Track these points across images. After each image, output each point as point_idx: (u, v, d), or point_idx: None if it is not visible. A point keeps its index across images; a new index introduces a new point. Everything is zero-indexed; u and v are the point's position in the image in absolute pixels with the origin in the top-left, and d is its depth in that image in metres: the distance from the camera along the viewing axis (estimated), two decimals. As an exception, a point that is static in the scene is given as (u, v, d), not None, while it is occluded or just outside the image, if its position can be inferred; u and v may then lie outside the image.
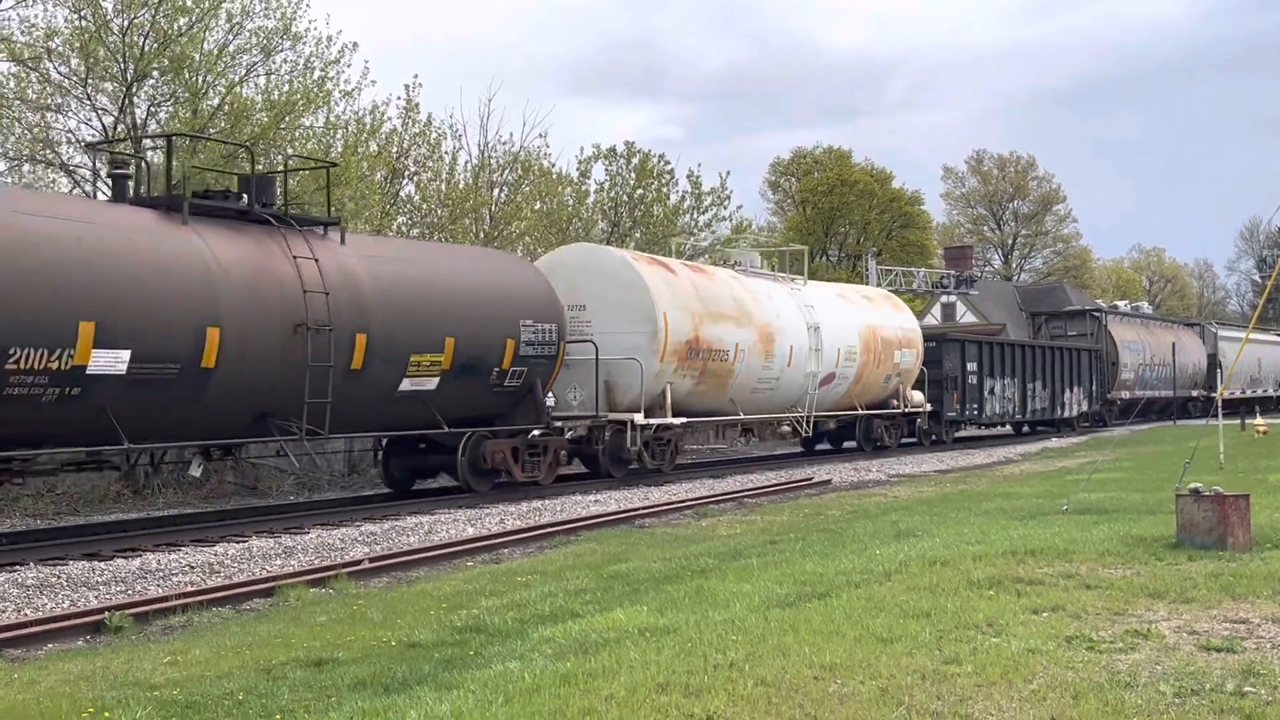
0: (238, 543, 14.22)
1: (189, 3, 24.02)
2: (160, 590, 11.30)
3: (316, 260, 15.80)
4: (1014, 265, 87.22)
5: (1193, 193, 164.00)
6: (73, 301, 12.97)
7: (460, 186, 32.12)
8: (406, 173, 30.95)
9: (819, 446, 31.44)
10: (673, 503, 18.43)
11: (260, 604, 10.80)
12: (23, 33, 23.44)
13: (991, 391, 35.24)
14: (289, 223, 16.21)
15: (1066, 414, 40.19)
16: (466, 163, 33.86)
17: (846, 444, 31.34)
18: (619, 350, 21.36)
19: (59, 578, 11.77)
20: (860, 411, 29.72)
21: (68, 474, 16.41)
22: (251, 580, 11.64)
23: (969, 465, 27.27)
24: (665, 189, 40.11)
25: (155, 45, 23.89)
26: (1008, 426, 39.67)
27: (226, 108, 25.23)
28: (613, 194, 39.22)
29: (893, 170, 59.98)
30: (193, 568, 12.54)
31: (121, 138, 22.60)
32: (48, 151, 24.18)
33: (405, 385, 17.18)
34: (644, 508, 17.76)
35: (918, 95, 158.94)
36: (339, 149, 27.22)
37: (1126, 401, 44.38)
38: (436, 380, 17.59)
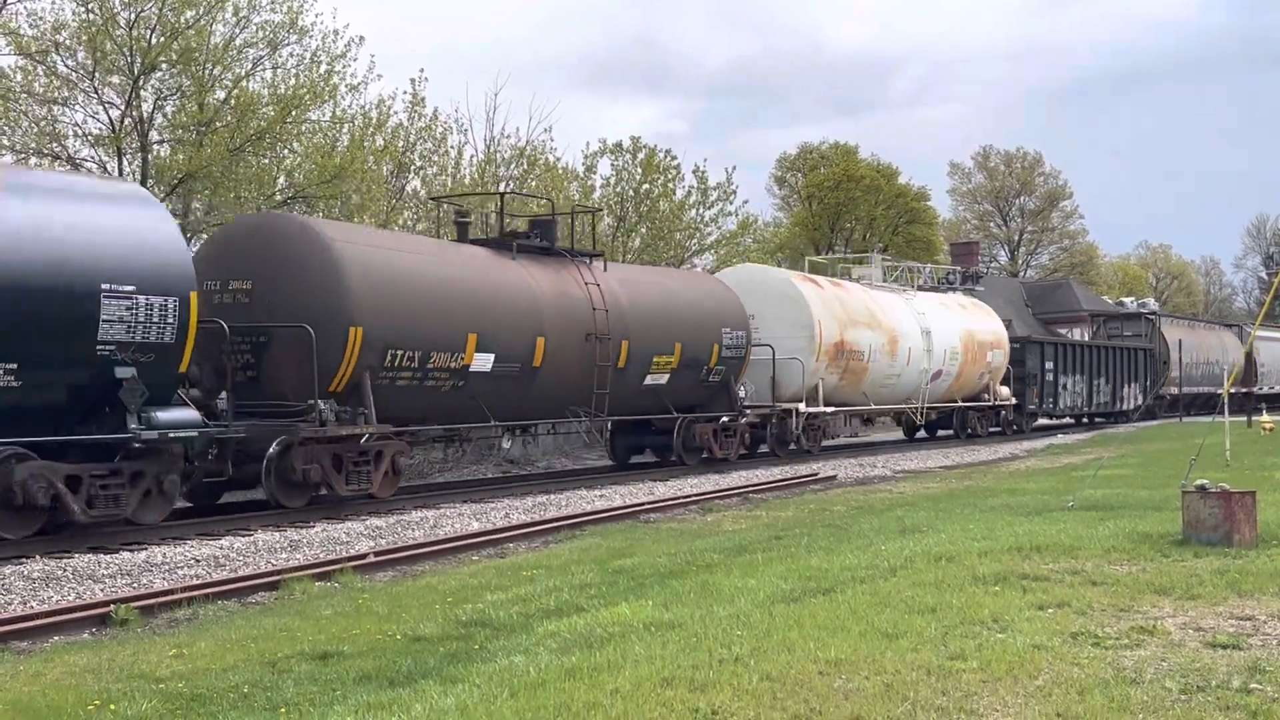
0: (244, 536, 14.24)
1: (196, -4, 24.05)
2: (166, 583, 11.32)
3: (598, 285, 20.76)
4: (1020, 261, 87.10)
5: (1199, 189, 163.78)
6: (464, 319, 17.81)
7: (466, 181, 32.12)
8: (412, 167, 30.96)
9: (917, 435, 35.37)
10: (678, 498, 18.43)
11: (265, 597, 10.82)
12: (30, 26, 23.48)
13: (1064, 387, 39.66)
14: (575, 255, 21.39)
15: (1124, 407, 44.30)
16: (472, 157, 33.90)
17: (941, 432, 35.46)
18: (784, 352, 25.60)
19: (65, 570, 11.78)
20: (958, 404, 34.16)
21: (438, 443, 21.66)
22: (257, 574, 11.66)
23: (974, 461, 27.25)
24: (671, 184, 40.09)
25: (162, 39, 23.90)
26: (1068, 418, 43.25)
27: (233, 101, 25.25)
28: (619, 189, 39.21)
29: (899, 166, 59.97)
30: (198, 561, 12.55)
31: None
32: (55, 145, 24.21)
33: (648, 380, 22.13)
34: (649, 503, 17.77)
35: (924, 91, 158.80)
36: (345, 143, 27.24)
37: (1174, 396, 47.85)
38: (668, 376, 22.52)
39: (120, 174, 24.12)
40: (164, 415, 13.60)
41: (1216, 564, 9.69)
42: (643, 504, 17.58)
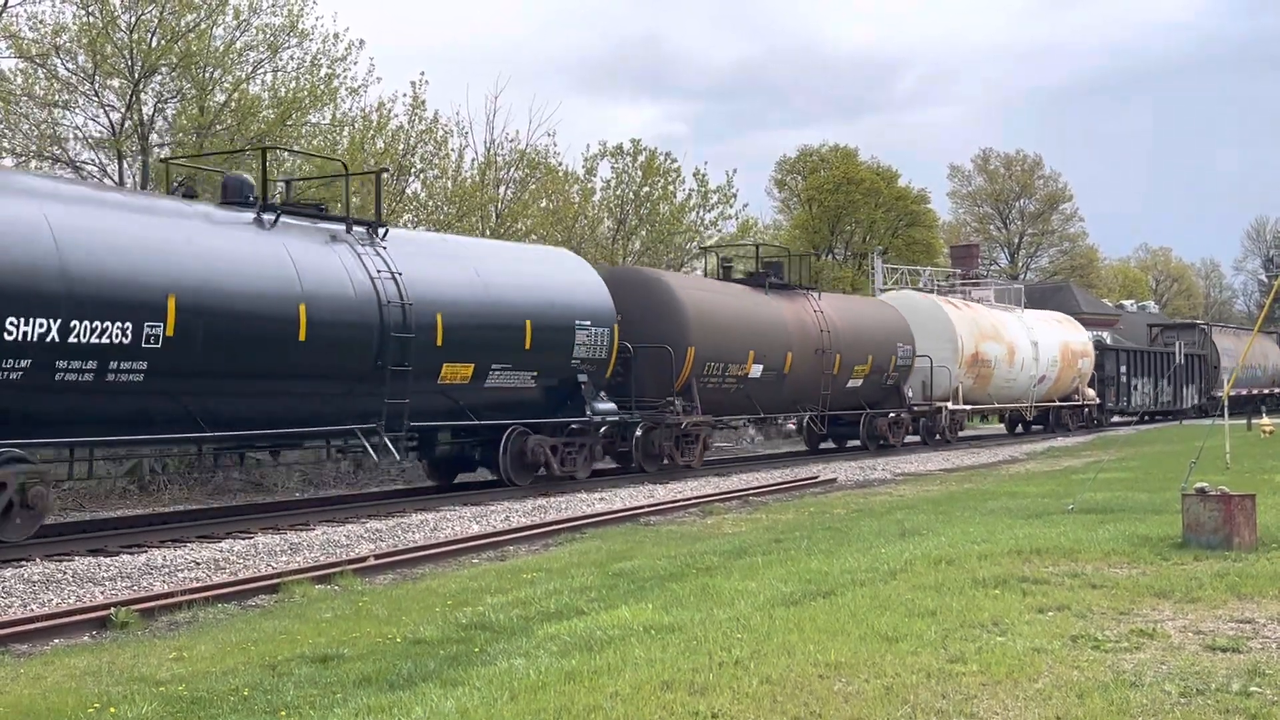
0: (243, 539, 14.24)
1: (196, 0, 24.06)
2: (166, 586, 11.31)
3: (821, 312, 27.74)
4: (1020, 264, 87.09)
5: (1199, 192, 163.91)
6: (747, 340, 24.82)
7: (467, 184, 32.14)
8: (413, 170, 30.96)
9: (1016, 430, 41.14)
10: (678, 500, 18.43)
11: (266, 600, 10.82)
12: (31, 29, 23.50)
13: (1135, 388, 46.44)
14: (805, 289, 28.53)
15: (1183, 406, 50.12)
16: (473, 160, 33.90)
17: (1034, 426, 41.35)
18: (936, 361, 32.03)
19: (65, 573, 11.78)
20: (1055, 403, 40.77)
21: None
22: (257, 576, 11.66)
23: (974, 464, 27.25)
24: (671, 187, 40.09)
25: (163, 41, 23.92)
26: (1137, 415, 49.93)
27: (233, 104, 25.27)
28: (619, 192, 39.21)
29: (899, 169, 59.91)
30: (198, 564, 12.55)
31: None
32: (55, 148, 24.22)
33: (849, 384, 28.78)
34: (649, 505, 17.76)
35: (925, 93, 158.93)
36: (345, 146, 27.25)
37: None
38: (862, 381, 29.28)
39: (120, 177, 24.17)
40: (600, 405, 20.68)
41: (1216, 567, 9.70)
42: (642, 507, 17.58)
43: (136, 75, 23.88)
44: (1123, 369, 45.27)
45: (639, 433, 22.06)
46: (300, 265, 15.73)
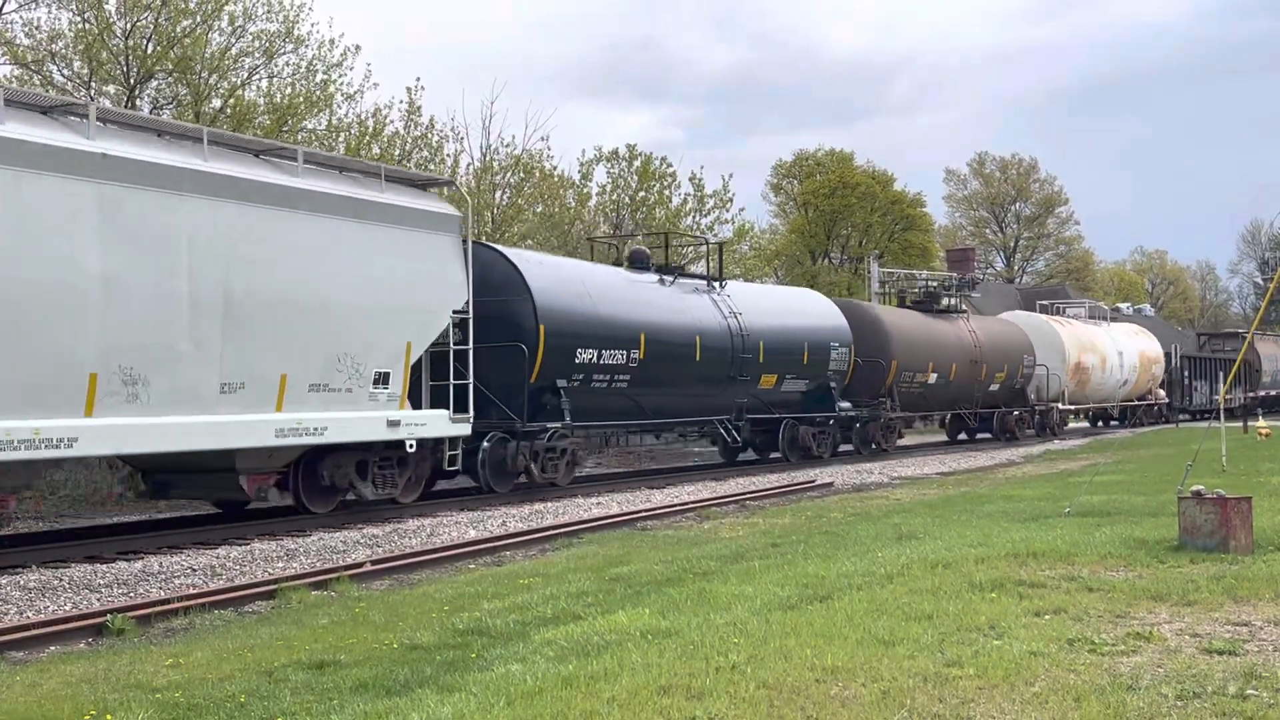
0: (240, 545, 14.23)
1: (192, 5, 24.06)
2: (162, 593, 11.30)
3: (974, 330, 34.90)
4: (1016, 267, 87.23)
5: (1194, 195, 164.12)
6: (929, 354, 31.72)
7: (462, 189, 32.13)
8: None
9: (1098, 424, 49.27)
10: (674, 505, 18.43)
11: (262, 606, 10.81)
12: (26, 35, 23.50)
13: (1195, 389, 54.03)
14: (959, 312, 35.58)
15: (1232, 405, 53.59)
16: (469, 165, 33.93)
17: (1112, 422, 49.33)
18: (1050, 369, 39.07)
19: (61, 580, 11.77)
20: (1134, 402, 48.20)
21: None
22: (253, 583, 11.65)
23: (971, 468, 27.27)
24: (667, 191, 40.15)
25: (158, 48, 23.94)
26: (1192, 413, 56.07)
27: (229, 110, 25.27)
28: (614, 196, 39.25)
29: (895, 172, 59.99)
30: (195, 570, 12.54)
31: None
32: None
33: (991, 388, 35.66)
34: (645, 510, 17.76)
35: (920, 97, 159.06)
36: (341, 152, 27.26)
37: (1263, 397, 58.47)
38: (999, 385, 35.96)
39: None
40: (842, 404, 28.05)
41: (1213, 570, 9.70)
42: (639, 511, 17.57)
43: (132, 81, 23.89)
44: (1185, 372, 53.39)
45: (857, 425, 29.48)
46: (692, 310, 23.50)
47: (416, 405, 17.20)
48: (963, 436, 37.76)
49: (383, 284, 16.06)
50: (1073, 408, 42.22)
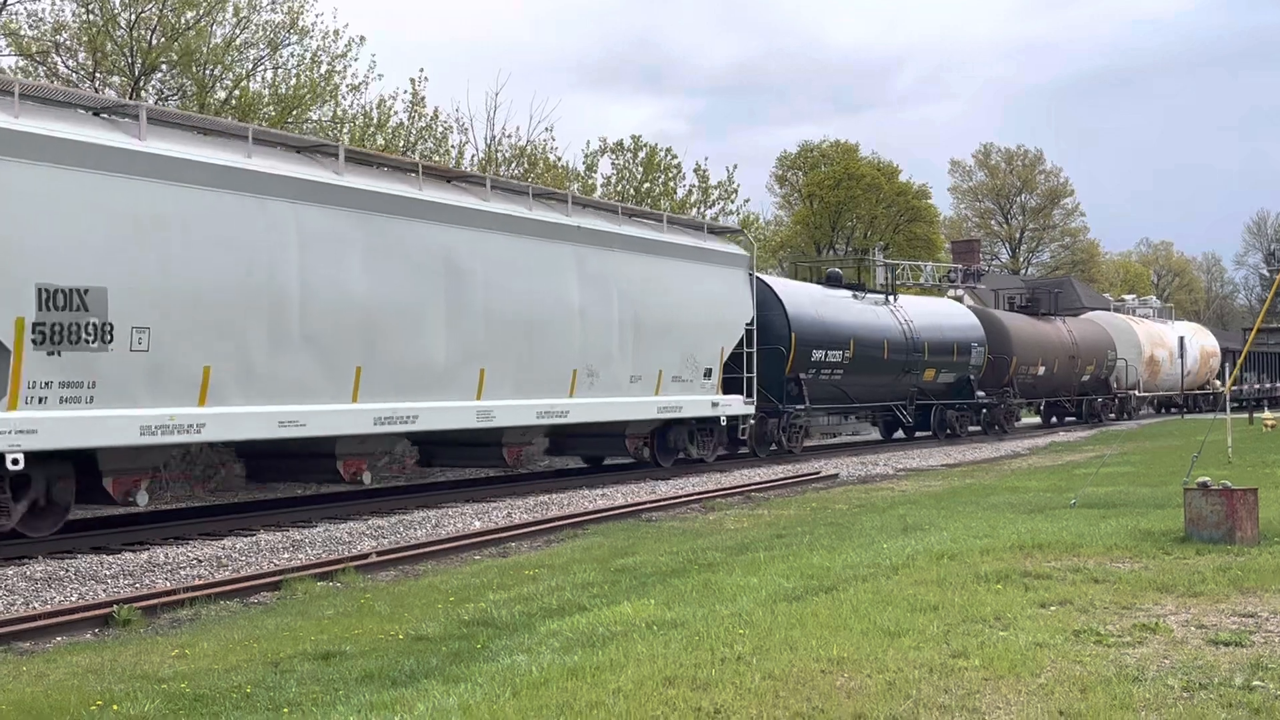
0: (246, 536, 14.25)
1: (196, -3, 24.05)
2: (168, 584, 11.32)
3: (1070, 330, 40.81)
4: (1021, 259, 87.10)
5: (1200, 187, 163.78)
6: (1040, 351, 38.03)
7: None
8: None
9: (1160, 410, 53.95)
10: (679, 496, 18.43)
11: (268, 597, 10.82)
12: (31, 27, 23.50)
13: (1245, 380, 58.06)
14: (1054, 315, 41.39)
15: (1277, 394, 62.29)
16: (473, 156, 33.89)
17: (1172, 410, 54.26)
18: (1128, 362, 45.91)
19: (67, 571, 11.79)
20: (1194, 391, 54.43)
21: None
22: (259, 574, 11.66)
23: (976, 459, 27.25)
24: (672, 183, 40.09)
25: (162, 39, 23.92)
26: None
27: (234, 101, 25.26)
28: (619, 188, 39.20)
29: (900, 164, 59.94)
30: (200, 561, 12.56)
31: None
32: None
33: (1084, 378, 42.24)
34: (650, 501, 17.76)
35: (925, 89, 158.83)
36: (346, 143, 27.24)
37: None
38: (1088, 376, 42.56)
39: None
40: (979, 393, 34.21)
41: (1218, 561, 9.69)
42: (644, 503, 17.58)
43: (137, 73, 23.88)
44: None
45: (985, 410, 35.43)
46: (880, 319, 30.11)
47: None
48: (1054, 420, 44.62)
49: (708, 306, 23.07)
50: (1145, 394, 49.05)
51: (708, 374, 22.90)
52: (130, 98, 24.00)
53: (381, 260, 16.09)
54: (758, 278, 25.45)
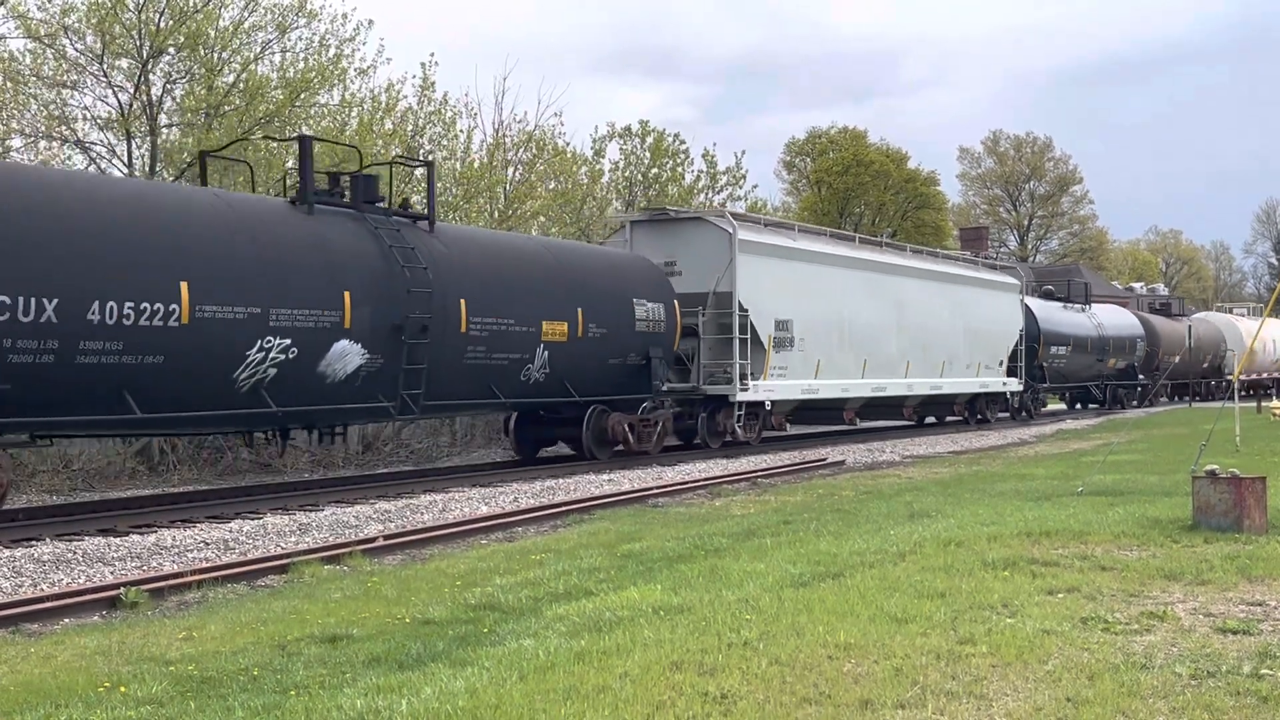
0: (253, 519, 14.27)
1: (204, -21, 23.98)
2: (175, 566, 11.34)
3: (1190, 325, 53.50)
4: (1030, 247, 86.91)
5: (1210, 175, 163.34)
6: (1176, 343, 51.20)
7: (475, 165, 32.05)
8: (421, 151, 30.89)
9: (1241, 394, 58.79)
10: (686, 482, 18.43)
11: (275, 580, 10.84)
12: (39, 9, 23.46)
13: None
14: (1180, 315, 56.84)
15: None
16: (482, 142, 33.81)
17: (1268, 389, 58.11)
18: (1235, 352, 52.99)
19: (75, 553, 11.82)
20: (1276, 375, 60.23)
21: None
22: (266, 557, 11.68)
23: (983, 446, 27.22)
24: (680, 168, 39.99)
25: (171, 22, 23.87)
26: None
27: (242, 85, 25.22)
28: (627, 173, 39.13)
29: (908, 151, 59.77)
30: (208, 544, 12.58)
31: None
32: (64, 129, 24.20)
33: (1204, 364, 54.13)
34: (657, 487, 17.76)
35: (933, 76, 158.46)
36: (354, 127, 27.21)
37: None
38: (1207, 363, 53.51)
39: (129, 158, 24.24)
40: (1140, 376, 47.73)
41: (1227, 549, 9.68)
42: (651, 488, 17.58)
43: (145, 55, 23.84)
44: None
45: (1139, 389, 47.15)
46: (1089, 324, 42.50)
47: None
48: (1180, 398, 54.61)
49: (998, 319, 35.10)
50: (1245, 377, 55.56)
51: (1000, 364, 35.07)
52: (138, 81, 23.99)
53: (873, 299, 28.80)
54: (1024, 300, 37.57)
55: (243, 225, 14.92)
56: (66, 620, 9.22)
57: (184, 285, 13.77)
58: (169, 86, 25.15)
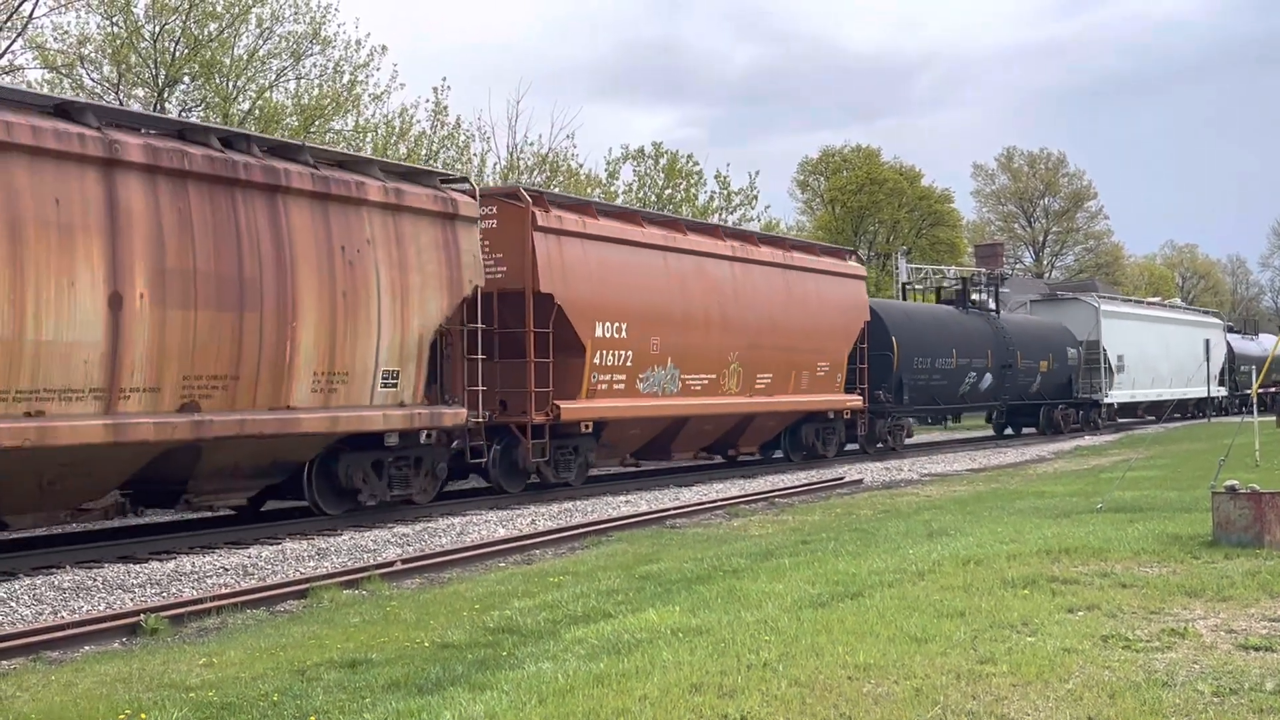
0: (271, 545, 14.30)
1: (219, 8, 24.16)
2: (195, 592, 11.37)
3: (1256, 339, 64.26)
4: (1045, 262, 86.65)
5: (1225, 189, 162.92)
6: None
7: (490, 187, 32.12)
8: (436, 175, 30.96)
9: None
10: (704, 503, 18.41)
11: (294, 606, 10.86)
12: (56, 39, 23.67)
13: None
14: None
15: None
16: (495, 164, 33.96)
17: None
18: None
19: (95, 580, 11.85)
20: None
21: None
22: (285, 582, 11.70)
23: (1001, 464, 27.14)
24: (694, 189, 40.09)
25: (186, 51, 24.08)
26: None
27: (257, 112, 25.40)
28: (641, 194, 39.20)
29: (922, 168, 59.80)
30: (227, 570, 12.61)
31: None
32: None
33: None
34: (675, 508, 17.75)
35: (945, 93, 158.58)
36: (369, 152, 27.35)
37: None
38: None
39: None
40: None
41: (1247, 565, 9.62)
42: (668, 509, 17.56)
43: (160, 84, 24.03)
44: None
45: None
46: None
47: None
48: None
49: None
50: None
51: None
52: (155, 108, 24.16)
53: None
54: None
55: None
56: (87, 647, 9.25)
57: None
58: (185, 114, 25.32)
